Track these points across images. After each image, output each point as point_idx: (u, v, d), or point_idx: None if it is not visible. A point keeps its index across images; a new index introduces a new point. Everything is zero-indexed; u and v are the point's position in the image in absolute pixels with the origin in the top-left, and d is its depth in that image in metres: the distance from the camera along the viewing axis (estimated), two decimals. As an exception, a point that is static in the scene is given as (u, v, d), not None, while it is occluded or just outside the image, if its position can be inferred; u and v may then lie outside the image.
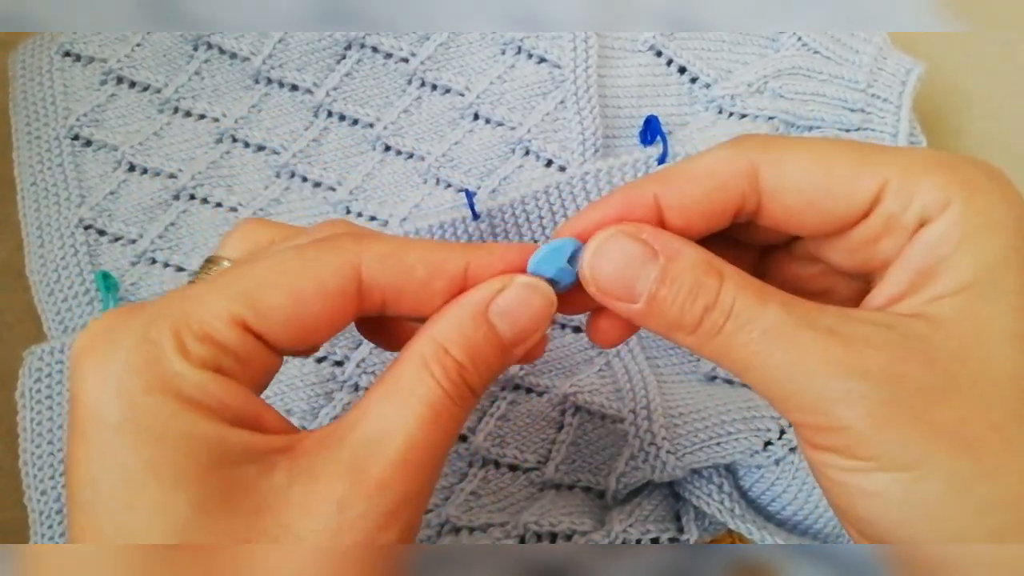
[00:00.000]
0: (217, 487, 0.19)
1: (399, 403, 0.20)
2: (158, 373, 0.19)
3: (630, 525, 0.32)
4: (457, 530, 0.34)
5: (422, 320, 0.22)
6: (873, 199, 0.21)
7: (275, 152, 0.40)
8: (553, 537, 0.32)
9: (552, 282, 0.23)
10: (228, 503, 0.19)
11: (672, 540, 0.33)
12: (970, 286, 0.20)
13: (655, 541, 0.33)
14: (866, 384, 0.19)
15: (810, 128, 0.39)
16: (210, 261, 0.25)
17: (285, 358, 0.22)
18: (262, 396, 0.22)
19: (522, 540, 0.32)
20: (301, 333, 0.21)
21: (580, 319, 0.38)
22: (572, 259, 0.23)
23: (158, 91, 0.41)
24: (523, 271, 0.23)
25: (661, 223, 0.22)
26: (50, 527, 0.35)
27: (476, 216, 0.37)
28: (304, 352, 0.23)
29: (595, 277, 0.22)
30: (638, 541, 0.32)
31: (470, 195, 0.36)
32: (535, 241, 0.38)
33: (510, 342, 0.22)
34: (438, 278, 0.22)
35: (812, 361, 0.20)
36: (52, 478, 0.35)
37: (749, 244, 0.26)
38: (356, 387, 0.36)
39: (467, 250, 0.23)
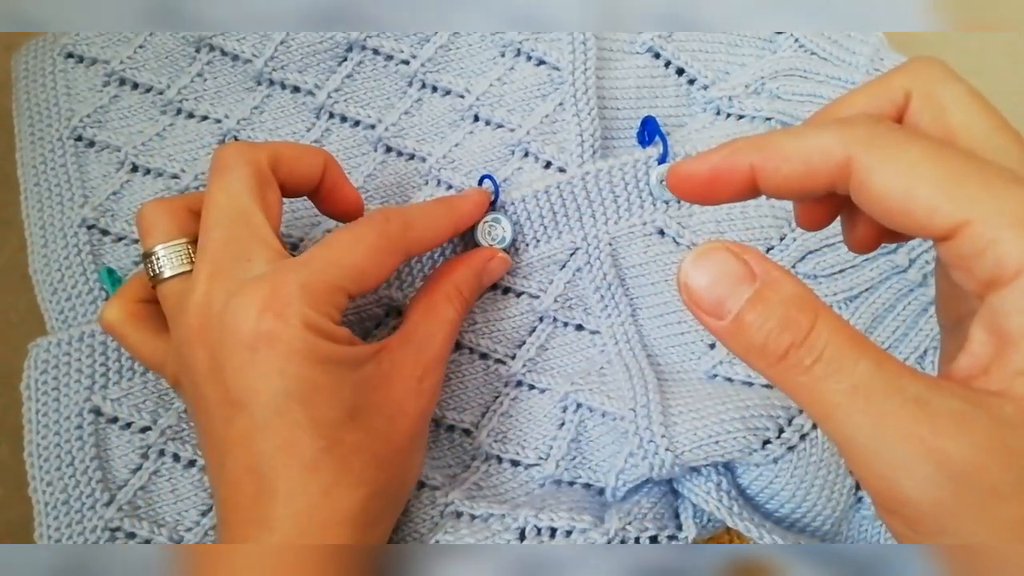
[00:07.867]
0: (360, 375, 0.30)
1: (437, 321, 0.34)
2: (317, 325, 0.29)
3: (629, 523, 0.33)
4: (459, 515, 0.35)
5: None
6: (947, 234, 0.20)
7: (277, 153, 0.41)
8: (553, 532, 0.33)
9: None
10: (370, 384, 0.30)
11: (671, 538, 0.33)
12: None
13: (654, 539, 0.33)
14: (941, 473, 0.19)
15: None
16: (147, 256, 0.32)
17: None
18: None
19: (522, 533, 0.33)
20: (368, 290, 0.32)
21: (580, 318, 0.39)
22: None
23: (161, 92, 0.41)
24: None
25: (753, 187, 0.23)
26: (55, 518, 0.35)
27: (496, 200, 0.38)
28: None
29: (688, 285, 0.22)
30: (637, 539, 0.32)
31: (492, 179, 0.38)
32: (536, 240, 0.38)
33: (486, 285, 0.37)
34: (440, 237, 0.35)
35: (894, 432, 0.19)
36: (58, 469, 0.36)
37: None
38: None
39: (454, 217, 0.36)
